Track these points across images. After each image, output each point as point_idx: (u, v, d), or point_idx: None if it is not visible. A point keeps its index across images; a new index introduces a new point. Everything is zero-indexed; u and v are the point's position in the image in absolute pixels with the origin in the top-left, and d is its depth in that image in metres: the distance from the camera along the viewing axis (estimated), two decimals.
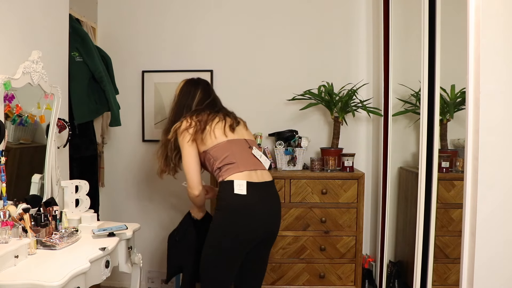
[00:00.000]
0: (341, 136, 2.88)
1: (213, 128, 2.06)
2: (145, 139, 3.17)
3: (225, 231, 1.95)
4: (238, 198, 1.93)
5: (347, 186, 2.65)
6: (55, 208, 1.93)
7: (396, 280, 2.67)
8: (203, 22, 3.10)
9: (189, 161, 2.05)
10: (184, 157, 2.07)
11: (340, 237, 2.67)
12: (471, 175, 1.52)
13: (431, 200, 2.13)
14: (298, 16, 3.06)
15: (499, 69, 1.48)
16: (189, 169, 2.06)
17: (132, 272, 2.18)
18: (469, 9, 1.51)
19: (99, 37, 3.11)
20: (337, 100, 2.81)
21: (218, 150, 2.03)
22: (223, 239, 1.95)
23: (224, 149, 2.03)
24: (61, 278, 1.42)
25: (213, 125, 2.07)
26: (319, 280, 2.68)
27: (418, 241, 2.17)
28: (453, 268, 2.30)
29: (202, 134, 2.05)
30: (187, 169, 2.06)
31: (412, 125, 2.76)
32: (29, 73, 1.87)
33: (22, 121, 1.90)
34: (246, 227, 1.94)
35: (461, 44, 1.56)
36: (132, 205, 3.20)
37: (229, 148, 2.03)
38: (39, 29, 2.10)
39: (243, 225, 1.94)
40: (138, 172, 3.19)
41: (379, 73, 2.87)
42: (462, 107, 2.27)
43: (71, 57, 2.47)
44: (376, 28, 2.95)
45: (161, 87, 3.13)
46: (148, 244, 3.14)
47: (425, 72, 2.13)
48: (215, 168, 2.04)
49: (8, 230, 1.60)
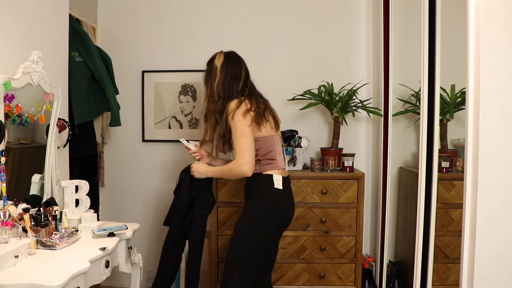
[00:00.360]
0: (341, 136, 2.88)
1: (268, 120, 2.10)
2: (145, 139, 3.17)
3: (266, 222, 2.04)
4: (277, 192, 2.05)
5: (347, 186, 2.65)
6: (55, 208, 1.93)
7: (396, 280, 2.67)
8: (203, 22, 3.10)
9: (250, 141, 2.01)
10: (244, 136, 2.01)
11: (340, 237, 2.67)
12: (471, 175, 1.53)
13: (431, 200, 2.13)
14: (298, 16, 3.06)
15: (499, 69, 1.48)
16: (248, 149, 2.01)
17: (132, 272, 2.18)
18: (469, 9, 1.51)
19: (99, 37, 3.11)
20: (337, 100, 2.81)
21: (264, 143, 2.07)
22: (263, 229, 2.04)
23: (270, 144, 2.08)
24: (61, 278, 1.42)
25: (267, 117, 2.10)
26: (319, 280, 2.68)
27: (418, 241, 2.17)
28: (453, 268, 2.30)
29: (258, 122, 2.05)
30: (247, 148, 2.00)
31: (412, 125, 2.76)
32: (29, 73, 1.87)
33: (22, 121, 1.90)
34: (282, 218, 2.10)
35: (461, 44, 1.56)
36: (132, 205, 3.20)
37: (273, 145, 2.10)
38: (39, 29, 2.10)
39: (281, 216, 2.09)
40: (138, 172, 3.19)
41: (379, 73, 2.87)
42: (462, 107, 2.27)
43: (71, 57, 2.47)
44: (376, 28, 2.95)
45: (161, 87, 3.13)
46: (148, 244, 3.14)
47: (425, 72, 2.13)
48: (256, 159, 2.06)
49: (8, 230, 1.60)
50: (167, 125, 3.15)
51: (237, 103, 2.05)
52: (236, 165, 2.03)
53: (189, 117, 3.13)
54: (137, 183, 3.19)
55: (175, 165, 3.15)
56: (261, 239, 2.04)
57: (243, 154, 2.00)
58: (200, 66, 3.07)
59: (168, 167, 3.17)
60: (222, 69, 2.14)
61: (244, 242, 2.02)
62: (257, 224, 2.03)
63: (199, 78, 3.09)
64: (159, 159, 3.18)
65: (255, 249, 2.03)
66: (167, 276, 2.31)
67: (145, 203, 3.20)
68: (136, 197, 3.20)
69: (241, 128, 2.01)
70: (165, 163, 3.17)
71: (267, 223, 2.04)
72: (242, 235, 2.03)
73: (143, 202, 3.20)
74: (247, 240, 2.02)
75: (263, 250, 2.07)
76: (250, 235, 2.02)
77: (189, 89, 3.12)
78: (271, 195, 2.05)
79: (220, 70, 2.14)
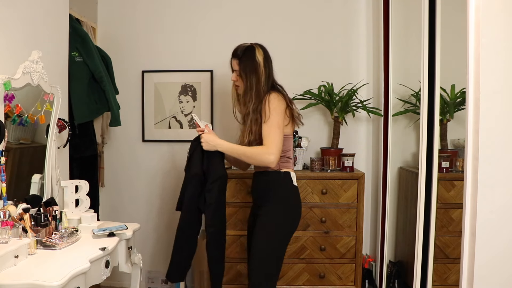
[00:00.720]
0: (341, 136, 2.88)
1: (294, 118, 2.09)
2: (145, 139, 3.17)
3: (293, 222, 2.05)
4: (296, 189, 2.08)
5: (347, 186, 2.65)
6: (55, 208, 1.93)
7: (396, 280, 2.67)
8: (203, 22, 3.10)
9: (282, 135, 1.98)
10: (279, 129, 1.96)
11: (340, 237, 2.67)
12: (471, 175, 1.52)
13: (431, 200, 2.13)
14: (298, 16, 3.06)
15: (499, 69, 1.48)
16: (280, 142, 1.96)
17: (132, 272, 2.18)
18: (469, 9, 1.51)
19: (99, 37, 3.11)
20: (337, 100, 2.81)
21: (287, 141, 2.06)
22: (290, 230, 2.05)
23: (290, 143, 2.09)
24: (61, 278, 1.42)
25: (294, 116, 2.08)
26: (319, 280, 2.68)
27: (418, 241, 2.17)
28: (453, 268, 2.30)
29: (289, 118, 2.04)
30: (279, 141, 1.96)
31: (412, 125, 2.76)
32: (29, 73, 1.87)
33: (22, 121, 1.90)
34: (300, 215, 2.10)
35: (461, 44, 1.56)
36: (132, 205, 3.20)
37: (291, 144, 2.11)
38: (39, 29, 2.10)
39: (300, 214, 2.10)
40: (138, 172, 3.19)
41: (379, 73, 2.87)
42: (462, 107, 2.27)
43: (71, 57, 2.47)
44: (376, 28, 2.95)
45: (161, 87, 3.13)
46: (148, 244, 3.14)
47: (425, 72, 2.13)
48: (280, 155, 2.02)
49: (8, 230, 1.60)
50: (167, 125, 3.15)
51: (279, 96, 2.02)
52: (266, 152, 1.94)
53: (189, 117, 3.13)
54: (137, 183, 3.19)
55: (175, 165, 3.15)
56: (288, 239, 2.06)
57: (275, 145, 1.94)
58: (200, 66, 3.11)
59: (168, 167, 3.17)
60: (265, 65, 2.07)
61: (278, 245, 2.01)
62: (286, 225, 2.03)
63: (199, 78, 3.10)
64: (159, 159, 3.18)
65: (283, 250, 2.04)
66: (181, 265, 2.14)
67: (145, 203, 3.20)
68: (136, 197, 3.20)
69: (277, 120, 1.97)
70: (165, 163, 3.17)
71: (293, 223, 2.05)
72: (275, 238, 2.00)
73: (143, 202, 3.20)
74: (278, 243, 2.01)
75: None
76: (281, 236, 2.01)
77: (189, 89, 3.12)
78: (293, 193, 2.06)
79: (264, 66, 2.06)
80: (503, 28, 1.48)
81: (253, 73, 2.05)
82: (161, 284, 3.19)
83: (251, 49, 2.08)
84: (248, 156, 2.00)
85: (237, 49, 2.11)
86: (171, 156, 3.16)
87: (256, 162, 2.01)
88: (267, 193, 2.07)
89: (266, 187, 2.07)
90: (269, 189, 2.06)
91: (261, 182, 2.10)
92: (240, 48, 2.10)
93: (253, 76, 2.05)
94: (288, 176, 2.05)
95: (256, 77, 2.05)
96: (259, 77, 2.05)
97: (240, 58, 2.08)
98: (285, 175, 2.05)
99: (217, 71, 3.09)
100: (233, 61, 2.11)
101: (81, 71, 2.54)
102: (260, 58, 2.06)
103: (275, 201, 2.03)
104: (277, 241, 2.01)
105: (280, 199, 2.04)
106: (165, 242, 3.17)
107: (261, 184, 2.10)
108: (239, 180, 2.68)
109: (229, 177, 2.67)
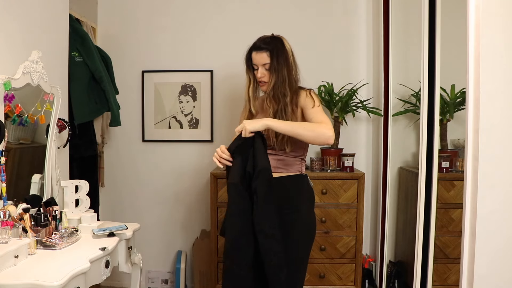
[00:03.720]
0: (341, 136, 2.88)
1: None
2: (145, 139, 3.17)
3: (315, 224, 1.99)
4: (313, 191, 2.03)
5: (347, 186, 2.65)
6: (55, 208, 1.93)
7: (396, 280, 2.67)
8: (203, 22, 3.10)
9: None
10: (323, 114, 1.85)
11: (340, 237, 2.67)
12: (471, 175, 1.52)
13: (431, 200, 2.13)
14: (298, 16, 3.06)
15: (499, 69, 1.48)
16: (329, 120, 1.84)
17: (132, 272, 2.18)
18: (469, 9, 1.51)
19: (99, 37, 3.11)
20: (337, 100, 2.81)
21: (307, 144, 1.98)
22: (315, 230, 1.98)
23: (308, 146, 2.02)
24: (61, 278, 1.42)
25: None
26: (319, 280, 2.68)
27: (418, 241, 2.17)
28: (453, 268, 2.30)
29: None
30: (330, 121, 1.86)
31: (412, 125, 2.76)
32: (29, 73, 1.87)
33: (22, 121, 1.90)
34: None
35: (461, 44, 1.56)
36: (132, 205, 3.20)
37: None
38: (39, 29, 2.10)
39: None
40: (138, 172, 3.19)
41: (379, 73, 2.87)
42: (462, 107, 2.27)
43: (71, 57, 2.47)
44: (376, 28, 2.95)
45: (161, 87, 3.13)
46: (148, 244, 3.14)
47: (425, 72, 2.13)
48: (300, 155, 1.96)
49: (8, 230, 1.60)
50: (167, 125, 3.15)
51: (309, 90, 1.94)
52: (327, 128, 1.76)
53: (189, 117, 3.13)
54: (137, 183, 3.19)
55: (175, 165, 3.15)
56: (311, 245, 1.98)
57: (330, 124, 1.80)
58: (200, 66, 3.10)
59: (168, 167, 3.17)
60: (293, 54, 1.96)
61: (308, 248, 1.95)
62: (313, 227, 1.97)
63: (199, 78, 3.11)
64: (159, 159, 3.18)
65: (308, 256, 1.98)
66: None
67: (145, 203, 3.20)
68: (136, 197, 3.20)
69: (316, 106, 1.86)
70: (165, 163, 3.17)
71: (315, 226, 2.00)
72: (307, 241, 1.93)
73: (143, 202, 3.20)
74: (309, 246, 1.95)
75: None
76: (311, 239, 1.96)
77: (189, 89, 3.12)
78: (313, 195, 2.01)
79: (292, 55, 1.95)
80: (503, 28, 1.48)
81: (285, 64, 1.90)
82: (161, 284, 3.19)
83: (278, 39, 1.93)
84: (308, 129, 1.76)
85: (262, 41, 1.93)
86: (171, 156, 3.16)
87: (316, 135, 1.75)
88: (292, 194, 1.91)
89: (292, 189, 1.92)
90: (293, 192, 1.92)
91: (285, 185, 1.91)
92: (265, 40, 1.92)
93: (285, 67, 1.89)
94: (308, 179, 2.00)
95: (288, 68, 1.90)
96: (290, 68, 1.91)
97: (270, 50, 1.89)
98: (306, 178, 1.99)
99: (217, 71, 3.09)
100: (260, 55, 1.91)
101: (81, 71, 2.54)
102: (288, 46, 1.94)
103: (302, 201, 1.94)
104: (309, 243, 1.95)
105: (306, 202, 1.96)
106: (165, 242, 3.18)
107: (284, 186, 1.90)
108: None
109: None
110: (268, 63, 1.90)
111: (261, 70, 1.92)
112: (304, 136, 1.76)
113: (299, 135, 1.76)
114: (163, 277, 3.19)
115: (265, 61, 1.90)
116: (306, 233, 1.92)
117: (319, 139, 1.76)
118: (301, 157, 1.98)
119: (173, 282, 3.16)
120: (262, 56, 1.90)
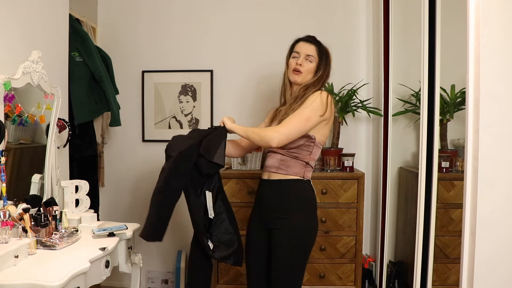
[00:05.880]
0: (341, 136, 2.88)
1: (330, 127, 1.99)
2: (145, 139, 3.17)
3: (316, 229, 1.97)
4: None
5: (347, 186, 2.65)
6: (55, 208, 1.93)
7: (396, 280, 2.67)
8: (203, 22, 3.10)
9: (302, 131, 1.84)
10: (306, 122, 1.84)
11: (340, 237, 2.67)
12: (471, 175, 1.52)
13: (431, 200, 2.13)
14: (298, 16, 3.06)
15: (499, 69, 1.48)
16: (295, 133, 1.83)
17: (132, 272, 2.18)
18: (469, 9, 1.51)
19: (99, 37, 3.11)
20: (337, 100, 2.81)
21: (318, 150, 1.95)
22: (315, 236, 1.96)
23: (319, 152, 1.98)
24: (61, 278, 1.42)
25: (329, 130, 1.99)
26: (319, 280, 2.68)
27: (418, 241, 2.17)
28: (453, 268, 2.30)
29: (327, 124, 1.93)
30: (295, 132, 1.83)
31: (412, 125, 2.76)
32: (29, 73, 1.87)
33: (22, 121, 1.90)
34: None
35: (461, 44, 1.56)
36: (132, 205, 3.20)
37: (319, 154, 2.00)
38: (39, 29, 2.10)
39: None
40: (138, 172, 3.19)
41: (379, 73, 2.87)
42: (462, 107, 2.27)
43: (71, 57, 2.47)
44: (376, 28, 2.95)
45: (161, 87, 3.13)
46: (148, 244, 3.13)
47: (425, 72, 2.13)
48: (304, 158, 1.91)
49: (8, 230, 1.60)
50: (167, 125, 3.15)
51: (331, 98, 1.93)
52: (274, 130, 1.83)
53: (189, 117, 3.13)
54: (137, 183, 3.19)
55: None
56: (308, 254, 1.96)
57: (287, 130, 1.81)
58: (200, 66, 3.10)
59: None
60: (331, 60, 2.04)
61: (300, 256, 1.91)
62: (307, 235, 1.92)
63: (199, 78, 3.11)
64: (159, 159, 3.17)
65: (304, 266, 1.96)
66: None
67: (145, 203, 3.19)
68: (136, 197, 3.20)
69: (313, 116, 1.84)
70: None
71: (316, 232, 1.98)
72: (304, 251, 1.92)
73: (143, 202, 3.20)
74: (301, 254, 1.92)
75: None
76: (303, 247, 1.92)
77: (189, 89, 3.12)
78: (311, 203, 1.96)
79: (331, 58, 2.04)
80: (503, 28, 1.48)
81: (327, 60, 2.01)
82: (161, 284, 3.19)
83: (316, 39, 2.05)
84: (255, 133, 1.87)
85: (313, 37, 2.05)
86: None
87: (259, 138, 1.85)
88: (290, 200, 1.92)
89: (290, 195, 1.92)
90: (290, 199, 1.92)
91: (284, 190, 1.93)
92: (316, 38, 2.05)
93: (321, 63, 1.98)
94: (310, 184, 1.96)
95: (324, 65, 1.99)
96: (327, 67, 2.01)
97: (319, 47, 2.00)
98: (308, 183, 1.95)
99: (217, 71, 3.09)
100: (309, 46, 2.00)
101: (81, 71, 2.54)
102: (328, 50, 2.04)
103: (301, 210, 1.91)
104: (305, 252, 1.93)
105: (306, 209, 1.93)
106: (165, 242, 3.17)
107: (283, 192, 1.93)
108: (239, 180, 2.68)
109: (229, 177, 2.69)
110: (312, 56, 1.97)
111: (302, 58, 1.98)
112: (252, 139, 1.90)
113: (249, 138, 1.90)
114: (163, 277, 3.19)
115: (311, 52, 1.98)
116: (295, 240, 1.87)
117: (262, 141, 1.86)
118: (305, 161, 1.92)
119: (173, 282, 3.16)
120: (310, 47, 1.99)
